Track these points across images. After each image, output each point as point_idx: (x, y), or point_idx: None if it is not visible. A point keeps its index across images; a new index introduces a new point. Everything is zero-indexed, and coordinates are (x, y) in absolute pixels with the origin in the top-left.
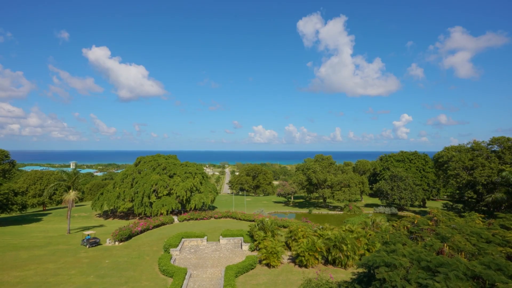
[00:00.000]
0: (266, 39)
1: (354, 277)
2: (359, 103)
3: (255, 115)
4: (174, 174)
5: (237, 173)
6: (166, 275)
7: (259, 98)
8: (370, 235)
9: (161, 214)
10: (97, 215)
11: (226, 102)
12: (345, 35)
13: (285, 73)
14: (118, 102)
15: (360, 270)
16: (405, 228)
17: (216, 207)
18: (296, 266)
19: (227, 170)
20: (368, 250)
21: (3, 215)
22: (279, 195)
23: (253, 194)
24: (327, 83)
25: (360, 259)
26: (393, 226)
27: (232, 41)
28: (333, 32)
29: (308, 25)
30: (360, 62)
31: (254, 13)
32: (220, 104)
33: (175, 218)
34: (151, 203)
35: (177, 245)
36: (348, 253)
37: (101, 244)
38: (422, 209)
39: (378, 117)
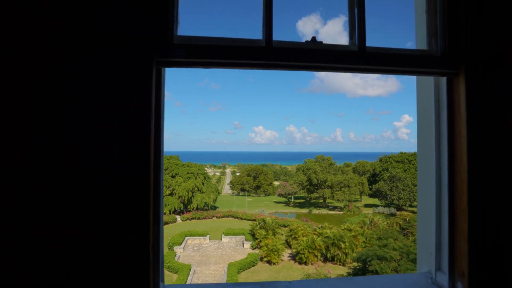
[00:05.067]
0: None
1: (350, 271)
2: (359, 104)
3: (256, 116)
4: (176, 174)
5: (238, 174)
6: (171, 271)
7: (259, 99)
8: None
9: (164, 213)
10: None
11: (226, 103)
12: (344, 35)
13: (285, 73)
14: None
15: (355, 264)
16: (398, 225)
17: (218, 207)
18: (296, 263)
19: (228, 170)
20: (365, 247)
21: None
22: (279, 195)
23: (254, 195)
24: (327, 84)
25: None
26: (387, 223)
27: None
28: (332, 32)
29: (308, 25)
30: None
31: (252, 12)
32: (220, 105)
33: (178, 217)
34: None
35: (181, 243)
36: (346, 251)
37: None
38: None
39: (378, 118)
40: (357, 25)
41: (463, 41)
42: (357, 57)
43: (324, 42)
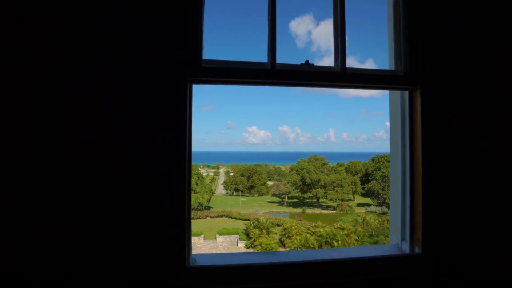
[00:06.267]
0: (258, 37)
1: None
2: (352, 104)
3: (249, 116)
4: None
5: (231, 174)
6: None
7: (253, 99)
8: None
9: None
10: None
11: (220, 103)
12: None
13: None
14: None
15: None
16: (389, 222)
17: (212, 207)
18: None
19: (222, 170)
20: (357, 245)
21: None
22: (273, 195)
23: (247, 195)
24: None
25: None
26: (378, 221)
27: (222, 40)
28: (325, 33)
29: (301, 26)
30: (352, 63)
31: (247, 11)
32: (213, 105)
33: None
34: None
35: None
36: None
37: None
38: None
39: (371, 119)
40: (340, 53)
41: (420, 65)
42: (340, 76)
43: (315, 62)
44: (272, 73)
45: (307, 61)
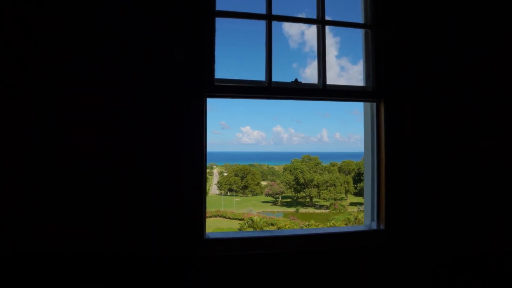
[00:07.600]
0: (252, 37)
1: None
2: (344, 105)
3: (243, 116)
4: None
5: (225, 174)
6: None
7: (246, 98)
8: None
9: None
10: None
11: (213, 103)
12: (330, 36)
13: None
14: None
15: None
16: None
17: (206, 207)
18: None
19: (215, 171)
20: None
21: None
22: (267, 195)
23: (241, 195)
24: None
25: None
26: None
27: (223, 40)
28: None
29: (294, 26)
30: (345, 64)
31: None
32: (208, 105)
33: None
34: None
35: None
36: None
37: None
38: None
39: (363, 119)
40: (322, 72)
41: (383, 82)
42: (321, 92)
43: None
44: (268, 90)
45: (296, 80)
